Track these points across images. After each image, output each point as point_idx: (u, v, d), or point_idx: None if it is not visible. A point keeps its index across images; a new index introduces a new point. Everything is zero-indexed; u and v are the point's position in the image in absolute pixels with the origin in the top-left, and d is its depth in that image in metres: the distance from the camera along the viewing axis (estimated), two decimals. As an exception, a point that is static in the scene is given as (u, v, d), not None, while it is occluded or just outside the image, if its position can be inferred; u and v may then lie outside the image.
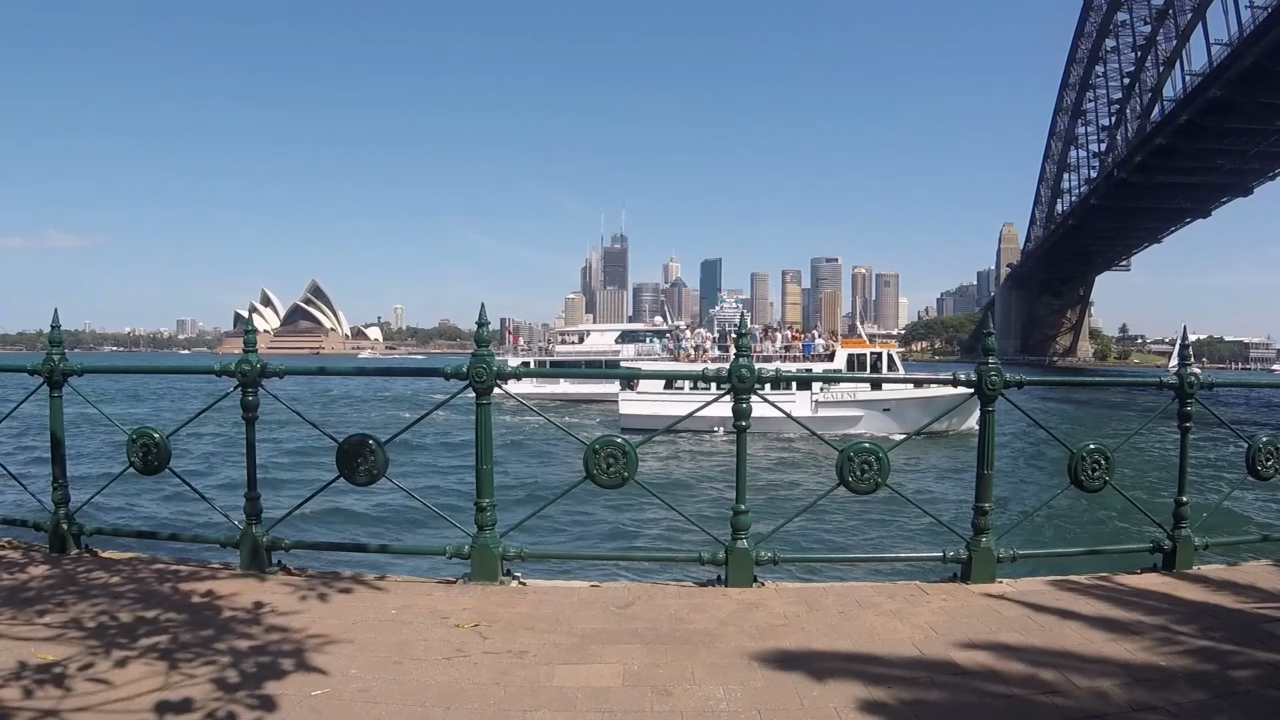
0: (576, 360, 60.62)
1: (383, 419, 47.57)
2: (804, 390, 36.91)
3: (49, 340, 6.32)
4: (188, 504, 17.33)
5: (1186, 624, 5.02)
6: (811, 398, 37.62)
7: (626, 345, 62.08)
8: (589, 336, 67.76)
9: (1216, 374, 15.87)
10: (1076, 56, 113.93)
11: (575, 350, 64.31)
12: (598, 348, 62.86)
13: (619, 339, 64.38)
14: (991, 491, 6.00)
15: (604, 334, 67.05)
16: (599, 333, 68.02)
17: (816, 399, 38.00)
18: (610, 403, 46.10)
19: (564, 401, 54.54)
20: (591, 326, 72.77)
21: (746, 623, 5.02)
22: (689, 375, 7.83)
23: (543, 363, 60.36)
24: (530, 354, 66.48)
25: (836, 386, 38.50)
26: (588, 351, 62.69)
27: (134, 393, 65.91)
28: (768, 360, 41.29)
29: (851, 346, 43.87)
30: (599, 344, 63.81)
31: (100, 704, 3.75)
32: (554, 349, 67.17)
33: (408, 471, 24.61)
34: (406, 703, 3.88)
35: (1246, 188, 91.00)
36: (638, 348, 60.96)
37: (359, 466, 5.84)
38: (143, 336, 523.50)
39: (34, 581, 5.52)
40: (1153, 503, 7.86)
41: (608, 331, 68.25)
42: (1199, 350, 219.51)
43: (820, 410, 37.12)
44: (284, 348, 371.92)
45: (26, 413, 7.56)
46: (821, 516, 18.01)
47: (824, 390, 38.05)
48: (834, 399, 38.32)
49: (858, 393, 37.92)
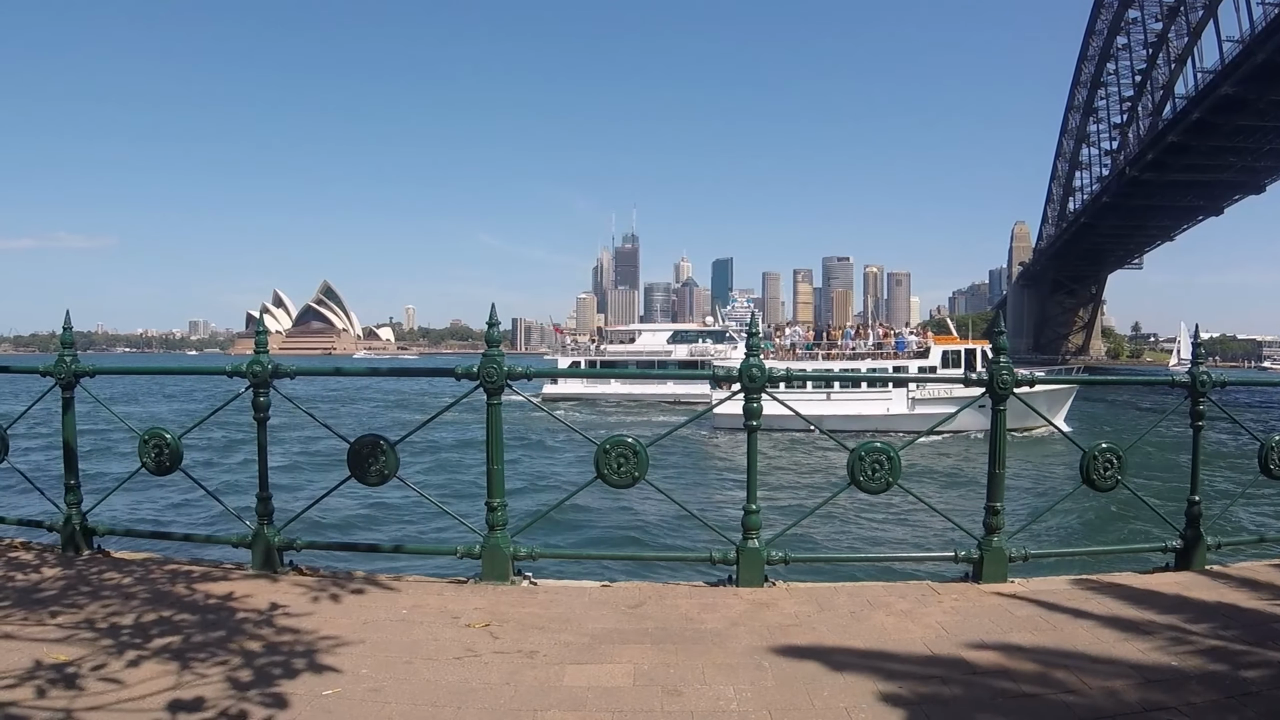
0: (627, 360, 61.36)
1: (387, 420, 47.75)
2: (900, 388, 37.97)
3: (61, 342, 6.35)
4: (200, 504, 17.40)
5: (1199, 624, 5.00)
6: (908, 395, 38.45)
7: (678, 345, 62.72)
8: (640, 337, 67.98)
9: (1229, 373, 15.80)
10: (1088, 54, 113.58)
11: (626, 350, 64.62)
12: (649, 348, 63.28)
13: (671, 339, 65.00)
14: (1003, 491, 5.98)
15: (655, 334, 67.46)
16: (650, 333, 68.26)
17: (913, 396, 38.69)
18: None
19: (623, 402, 55.30)
20: (643, 327, 72.82)
21: (757, 622, 5.01)
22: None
23: (593, 363, 60.82)
24: (579, 353, 66.71)
25: (930, 385, 39.76)
26: (639, 351, 63.16)
27: (133, 396, 66.32)
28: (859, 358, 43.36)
29: (945, 343, 44.52)
30: (651, 344, 64.22)
31: (113, 704, 3.77)
32: (604, 349, 67.39)
33: (422, 471, 24.70)
34: (417, 702, 3.89)
35: (1259, 185, 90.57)
36: (690, 348, 61.62)
37: (370, 467, 5.86)
38: (155, 338, 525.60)
39: (47, 582, 5.55)
40: (1164, 502, 7.82)
41: (659, 332, 68.62)
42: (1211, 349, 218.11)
43: (917, 408, 37.85)
44: (296, 348, 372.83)
45: (38, 412, 7.59)
46: (833, 516, 18.03)
47: (920, 388, 38.76)
48: (930, 396, 38.75)
49: (953, 390, 38.16)
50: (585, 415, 47.83)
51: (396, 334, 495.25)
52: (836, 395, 38.23)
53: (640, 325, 72.81)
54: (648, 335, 67.32)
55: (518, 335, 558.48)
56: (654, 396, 56.42)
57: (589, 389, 58.21)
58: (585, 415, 47.83)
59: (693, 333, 66.39)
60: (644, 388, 56.52)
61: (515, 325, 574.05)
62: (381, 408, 58.69)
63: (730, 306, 76.82)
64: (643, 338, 67.19)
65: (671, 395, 56.05)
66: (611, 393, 58.26)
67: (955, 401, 38.76)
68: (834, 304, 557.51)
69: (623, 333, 72.84)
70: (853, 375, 40.28)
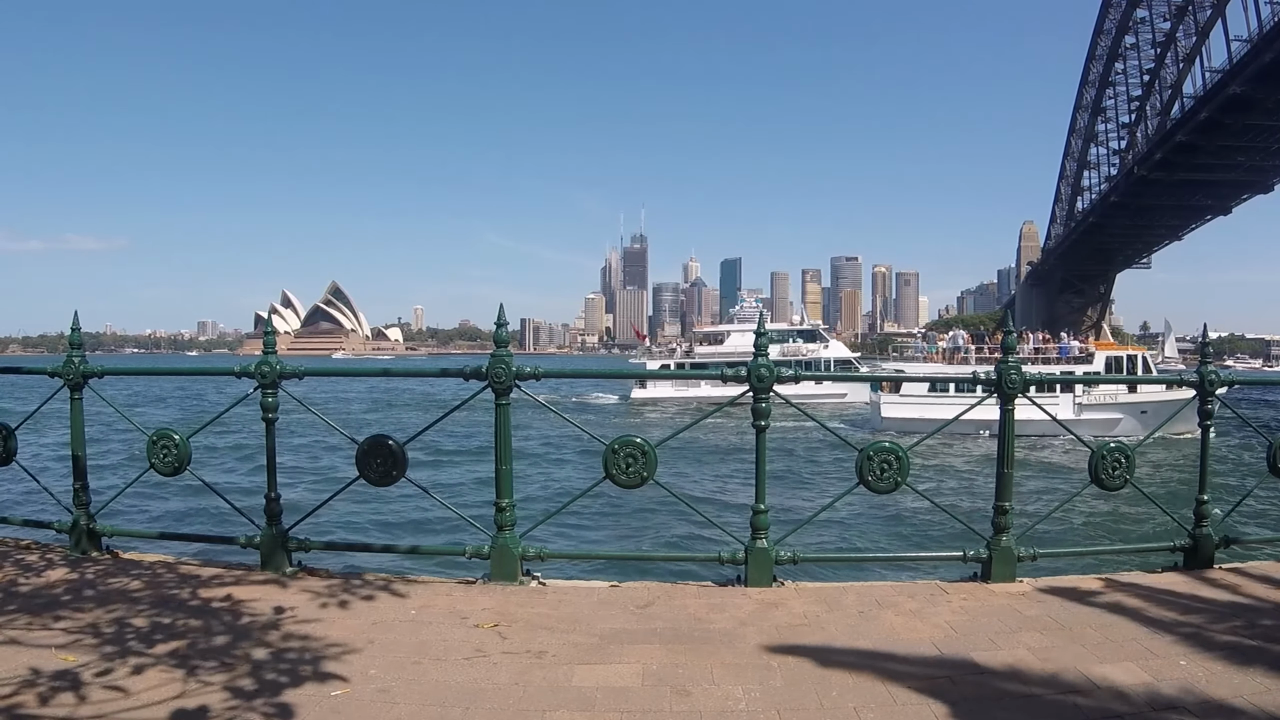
0: (717, 361, 60.69)
1: (394, 421, 47.83)
2: (1067, 393, 38.76)
3: (69, 343, 6.36)
4: (208, 505, 17.42)
5: (1208, 623, 4.98)
6: (1074, 400, 39.27)
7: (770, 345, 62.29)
8: (729, 338, 67.77)
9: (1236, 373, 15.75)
10: (1096, 53, 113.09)
11: (717, 351, 64.81)
12: (740, 348, 62.63)
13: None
14: (1012, 490, 5.97)
15: (744, 334, 66.80)
16: (739, 333, 67.47)
17: (1080, 401, 39.52)
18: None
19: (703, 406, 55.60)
20: (731, 328, 72.13)
21: (766, 622, 5.01)
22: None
23: (682, 365, 61.61)
24: (665, 356, 66.68)
25: (1097, 389, 40.25)
26: (730, 353, 63.08)
27: (143, 399, 66.44)
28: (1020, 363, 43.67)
29: (1106, 349, 45.54)
30: (740, 345, 63.56)
31: (121, 704, 3.77)
32: (694, 350, 67.67)
33: (430, 472, 24.71)
34: (426, 703, 3.89)
35: (1267, 184, 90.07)
36: (781, 347, 61.88)
37: (378, 467, 5.87)
38: (163, 338, 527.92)
39: (54, 584, 5.56)
40: (1173, 501, 7.79)
41: (748, 332, 68.23)
42: (1220, 348, 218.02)
43: (1083, 413, 38.46)
44: (304, 349, 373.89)
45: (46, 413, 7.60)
46: (843, 516, 18.02)
47: (1086, 393, 39.61)
48: (1096, 402, 39.81)
49: (1118, 395, 39.63)
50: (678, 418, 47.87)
51: (405, 334, 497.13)
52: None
53: (729, 326, 72.15)
54: (736, 336, 66.51)
55: (526, 335, 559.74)
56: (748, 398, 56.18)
57: (677, 392, 58.10)
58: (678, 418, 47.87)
59: (784, 332, 66.46)
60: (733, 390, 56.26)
61: (524, 325, 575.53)
62: (389, 408, 58.80)
63: (739, 306, 76.74)
64: (731, 339, 66.79)
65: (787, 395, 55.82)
66: (701, 395, 57.90)
67: (1120, 408, 39.36)
68: (842, 304, 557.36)
69: (711, 334, 72.78)
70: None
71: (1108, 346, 46.42)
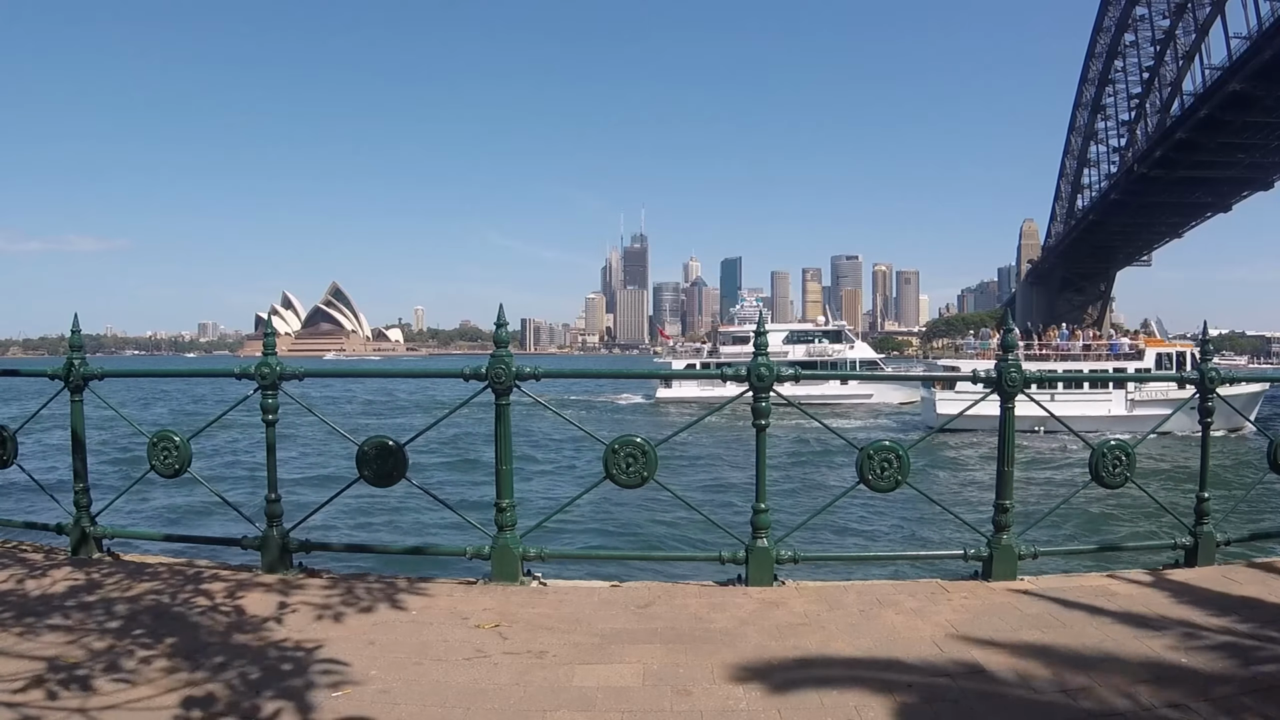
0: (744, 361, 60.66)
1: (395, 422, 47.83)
2: (1119, 389, 40.37)
3: (70, 344, 6.36)
4: (208, 506, 17.42)
5: (1210, 620, 4.98)
6: (1126, 397, 40.69)
7: (795, 345, 63.12)
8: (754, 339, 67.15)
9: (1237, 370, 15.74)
10: (1095, 51, 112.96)
11: (742, 351, 64.43)
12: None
13: (787, 339, 65.17)
14: (1012, 488, 5.97)
15: (770, 335, 66.66)
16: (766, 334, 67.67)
17: (1132, 398, 40.85)
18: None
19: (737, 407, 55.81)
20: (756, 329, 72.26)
21: (767, 622, 5.01)
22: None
23: (707, 365, 61.39)
24: (690, 355, 66.58)
25: (1149, 386, 40.91)
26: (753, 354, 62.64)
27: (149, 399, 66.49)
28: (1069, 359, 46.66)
29: (1156, 345, 46.99)
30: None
31: (123, 705, 3.78)
32: (719, 350, 67.55)
33: (430, 472, 24.71)
34: (427, 703, 3.89)
35: (1267, 182, 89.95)
36: (807, 348, 62.25)
37: (379, 468, 5.87)
38: (164, 340, 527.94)
39: (56, 585, 5.56)
40: (1174, 499, 7.79)
41: (774, 332, 68.05)
42: (1220, 345, 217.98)
43: (1135, 409, 39.77)
44: (305, 350, 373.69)
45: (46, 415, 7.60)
46: (845, 514, 18.03)
47: (1138, 389, 40.80)
48: (1148, 398, 40.45)
49: (1169, 391, 39.55)
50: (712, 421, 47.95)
51: (406, 335, 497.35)
52: (1060, 396, 38.85)
53: (752, 328, 72.04)
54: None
55: (527, 335, 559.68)
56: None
57: (703, 392, 58.11)
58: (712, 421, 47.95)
59: (809, 333, 66.57)
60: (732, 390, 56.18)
61: (524, 325, 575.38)
62: (389, 409, 58.79)
63: (739, 305, 76.65)
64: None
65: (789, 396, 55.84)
66: (725, 395, 57.64)
67: (1171, 403, 39.77)
68: (842, 303, 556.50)
69: (736, 334, 72.77)
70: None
71: (1157, 344, 47.64)
